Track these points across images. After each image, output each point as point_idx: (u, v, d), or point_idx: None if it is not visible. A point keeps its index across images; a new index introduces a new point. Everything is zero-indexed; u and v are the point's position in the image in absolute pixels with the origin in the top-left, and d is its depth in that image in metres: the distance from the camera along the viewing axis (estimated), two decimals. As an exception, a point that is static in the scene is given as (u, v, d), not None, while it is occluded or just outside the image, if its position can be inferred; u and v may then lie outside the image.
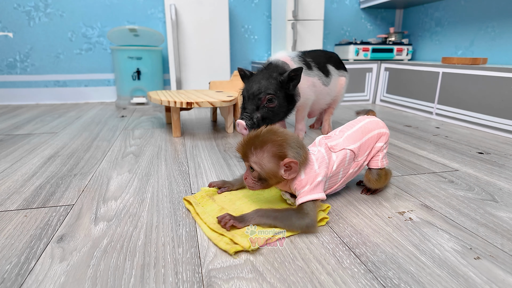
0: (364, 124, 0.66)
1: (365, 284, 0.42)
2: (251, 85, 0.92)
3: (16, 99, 1.93)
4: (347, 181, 0.65)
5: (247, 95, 0.92)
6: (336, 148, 0.61)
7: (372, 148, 0.65)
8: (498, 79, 1.23)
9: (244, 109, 0.92)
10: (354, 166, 0.63)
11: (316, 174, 0.56)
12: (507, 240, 0.52)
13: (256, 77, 0.93)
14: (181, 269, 0.45)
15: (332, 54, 1.20)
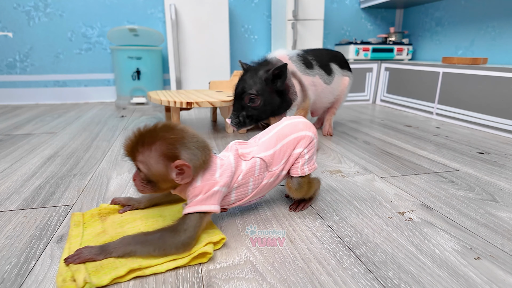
0: (280, 129, 0.59)
1: (365, 284, 0.42)
2: (237, 85, 0.95)
3: (15, 99, 1.93)
4: (262, 193, 0.57)
5: (234, 94, 0.96)
6: (248, 156, 0.54)
7: (290, 155, 0.57)
8: (499, 79, 1.23)
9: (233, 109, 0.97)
10: (269, 177, 0.56)
11: (214, 183, 0.49)
12: (507, 240, 0.52)
13: (244, 76, 0.96)
14: (181, 269, 0.45)
15: (337, 53, 1.19)
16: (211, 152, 0.51)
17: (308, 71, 1.05)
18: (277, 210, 0.62)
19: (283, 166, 0.57)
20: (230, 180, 0.51)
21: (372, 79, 1.93)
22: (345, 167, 0.86)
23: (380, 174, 0.80)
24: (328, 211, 0.61)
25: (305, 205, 0.63)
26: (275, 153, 0.56)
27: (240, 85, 0.94)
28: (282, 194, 0.69)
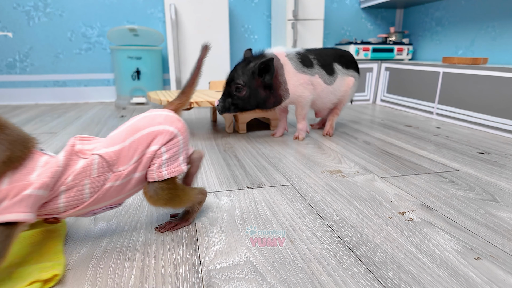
0: (134, 122, 0.49)
1: (366, 284, 0.42)
2: (229, 72, 1.01)
3: (15, 99, 1.93)
4: (110, 199, 0.47)
5: (225, 80, 1.01)
6: (87, 153, 0.45)
7: (143, 154, 0.47)
8: (499, 79, 1.23)
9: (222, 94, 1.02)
10: (114, 179, 0.45)
11: (26, 185, 0.39)
12: (507, 240, 0.52)
13: (238, 65, 1.00)
14: (181, 269, 0.45)
15: (345, 53, 1.17)
16: (31, 148, 0.41)
17: (306, 70, 1.04)
18: (277, 210, 0.62)
19: (134, 166, 0.46)
20: (53, 182, 0.41)
21: (372, 79, 1.93)
22: (345, 167, 0.86)
23: (380, 174, 0.80)
24: (328, 211, 0.61)
25: (177, 225, 0.53)
26: (122, 150, 0.46)
27: (231, 73, 0.99)
28: (282, 194, 0.69)
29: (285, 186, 0.73)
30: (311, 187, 0.72)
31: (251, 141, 1.10)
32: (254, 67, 0.96)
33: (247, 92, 0.98)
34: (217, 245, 0.50)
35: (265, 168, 0.84)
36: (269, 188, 0.72)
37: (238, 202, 0.65)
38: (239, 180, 0.76)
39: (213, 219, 0.58)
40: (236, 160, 0.91)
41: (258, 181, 0.76)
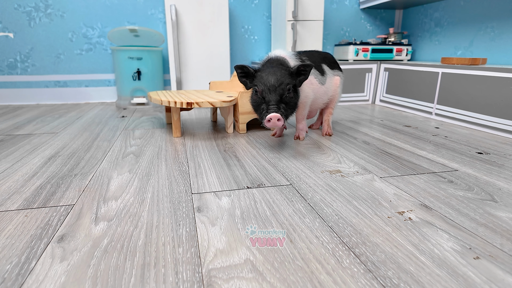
0: None
1: (365, 283, 0.42)
2: (267, 78, 0.89)
3: (16, 100, 1.94)
4: None
5: (266, 88, 0.88)
6: None
7: None
8: (498, 79, 1.23)
9: (267, 102, 0.87)
10: None
11: None
12: (506, 240, 0.52)
13: (268, 70, 0.91)
14: (181, 268, 0.45)
15: (327, 54, 1.21)
16: None
17: None
18: (277, 210, 0.62)
19: None
20: None
21: (372, 79, 1.94)
22: (344, 167, 0.86)
23: (379, 174, 0.81)
24: (327, 211, 0.62)
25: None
26: None
27: (271, 77, 0.88)
28: (282, 193, 0.69)
29: (285, 186, 0.73)
30: (311, 187, 0.72)
31: (251, 141, 1.10)
32: (293, 69, 0.92)
33: (293, 94, 0.92)
34: (217, 245, 0.51)
35: (265, 168, 0.84)
36: (269, 188, 0.72)
37: (238, 202, 0.65)
38: (239, 180, 0.77)
39: (213, 219, 0.58)
40: (236, 160, 0.91)
41: (258, 181, 0.76)
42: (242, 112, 1.21)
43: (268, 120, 0.84)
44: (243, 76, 0.96)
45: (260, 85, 0.89)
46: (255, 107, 0.93)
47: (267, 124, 0.85)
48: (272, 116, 0.83)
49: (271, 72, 0.90)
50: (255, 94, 0.92)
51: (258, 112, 0.92)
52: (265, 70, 0.92)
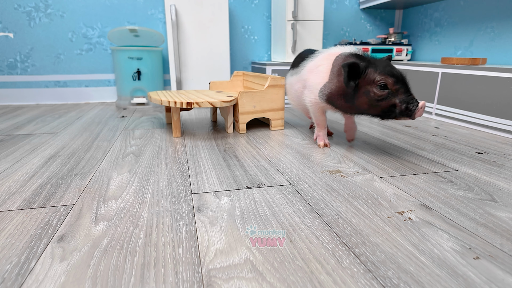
0: None
1: (365, 283, 0.42)
2: (392, 70, 0.84)
3: (16, 100, 1.94)
4: None
5: (395, 80, 0.83)
6: None
7: None
8: (498, 79, 1.23)
9: (405, 93, 0.83)
10: None
11: None
12: (506, 240, 0.52)
13: (380, 63, 0.86)
14: (181, 268, 0.45)
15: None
16: None
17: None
18: (277, 210, 0.62)
19: None
20: None
21: (372, 79, 1.93)
22: (344, 167, 0.86)
23: (379, 174, 0.81)
24: (327, 211, 0.62)
25: None
26: None
27: (394, 69, 0.85)
28: (282, 193, 0.69)
29: (284, 186, 0.73)
30: (311, 187, 0.72)
31: (251, 141, 1.10)
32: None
33: None
34: (217, 245, 0.51)
35: (265, 168, 0.84)
36: (269, 188, 0.72)
37: (238, 202, 0.65)
38: (239, 180, 0.77)
39: (213, 219, 0.58)
40: (236, 160, 0.91)
41: (258, 181, 0.76)
42: (242, 112, 1.21)
43: (419, 110, 0.80)
44: (350, 76, 0.86)
45: (388, 78, 0.83)
46: (378, 104, 0.85)
47: (418, 114, 0.81)
48: (422, 104, 0.80)
49: (387, 64, 0.85)
50: (379, 89, 0.84)
51: (385, 110, 0.85)
52: (377, 64, 0.85)
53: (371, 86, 0.84)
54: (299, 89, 1.07)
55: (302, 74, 1.04)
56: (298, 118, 1.53)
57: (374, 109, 0.86)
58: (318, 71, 0.96)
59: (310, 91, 0.99)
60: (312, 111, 1.03)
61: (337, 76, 0.90)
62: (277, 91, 1.24)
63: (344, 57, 0.91)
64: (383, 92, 0.83)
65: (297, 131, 1.26)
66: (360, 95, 0.87)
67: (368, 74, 0.85)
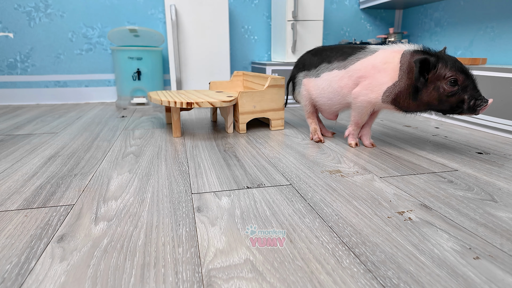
0: None
1: (365, 283, 0.42)
2: (462, 66, 0.84)
3: (16, 100, 1.94)
4: None
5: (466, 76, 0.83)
6: None
7: None
8: (498, 79, 1.23)
9: (474, 89, 0.83)
10: None
11: None
12: (506, 240, 0.52)
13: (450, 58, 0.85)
14: (181, 268, 0.45)
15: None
16: None
17: None
18: (277, 210, 0.62)
19: None
20: None
21: (372, 79, 1.93)
22: (344, 167, 0.86)
23: (379, 174, 0.81)
24: (327, 210, 0.62)
25: None
26: None
27: (463, 65, 0.85)
28: (282, 194, 0.69)
29: (284, 186, 0.73)
30: (311, 187, 0.72)
31: (251, 141, 1.10)
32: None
33: None
34: (217, 245, 0.51)
35: (265, 168, 0.84)
36: (269, 188, 0.72)
37: (238, 202, 0.65)
38: (239, 180, 0.77)
39: (213, 219, 0.59)
40: (236, 160, 0.91)
41: (258, 181, 0.76)
42: (242, 112, 1.21)
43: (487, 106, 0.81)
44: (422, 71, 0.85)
45: (458, 74, 0.83)
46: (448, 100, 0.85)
47: (483, 111, 0.82)
48: (491, 101, 0.82)
49: (455, 59, 0.85)
50: (449, 85, 0.83)
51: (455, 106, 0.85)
52: (446, 59, 0.85)
53: (442, 82, 0.84)
54: (346, 86, 0.99)
55: (354, 70, 0.97)
56: (298, 118, 1.53)
57: (443, 104, 0.86)
58: (385, 69, 0.90)
59: (370, 90, 0.93)
60: (361, 111, 0.98)
61: (407, 73, 0.88)
62: (277, 91, 1.24)
63: (411, 53, 0.88)
64: (453, 88, 0.83)
65: (297, 131, 1.26)
66: (429, 90, 0.86)
67: (439, 69, 0.84)
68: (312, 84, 1.11)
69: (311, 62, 1.12)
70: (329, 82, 1.04)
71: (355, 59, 0.98)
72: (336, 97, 1.03)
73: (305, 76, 1.14)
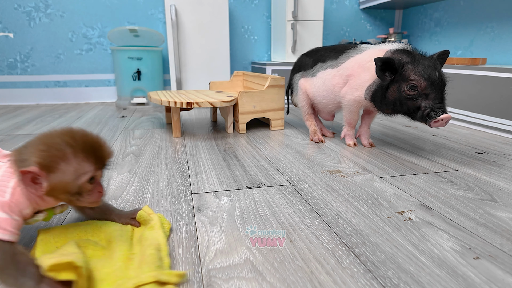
0: None
1: (365, 283, 0.42)
2: (430, 72, 0.80)
3: (16, 100, 1.94)
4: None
5: (430, 83, 0.80)
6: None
7: None
8: (498, 79, 1.23)
9: (433, 99, 0.80)
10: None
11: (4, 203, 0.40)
12: (506, 240, 0.52)
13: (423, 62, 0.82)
14: (181, 268, 0.45)
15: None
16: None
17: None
18: (277, 210, 0.62)
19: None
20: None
21: (372, 79, 1.94)
22: (344, 167, 0.86)
23: (379, 174, 0.81)
24: (327, 211, 0.62)
25: None
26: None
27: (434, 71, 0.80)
28: (282, 193, 0.69)
29: (284, 186, 0.73)
30: (311, 187, 0.73)
31: (251, 141, 1.11)
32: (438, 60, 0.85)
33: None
34: (217, 245, 0.51)
35: (265, 168, 0.84)
36: (269, 188, 0.72)
37: (238, 202, 0.65)
38: (239, 180, 0.77)
39: (213, 219, 0.59)
40: (236, 160, 0.91)
41: (258, 181, 0.76)
42: (242, 112, 1.21)
43: (438, 121, 0.79)
44: (384, 69, 0.85)
45: (421, 80, 0.80)
46: (406, 103, 0.84)
47: (434, 125, 0.80)
48: (445, 118, 0.78)
49: (430, 65, 0.81)
50: (409, 88, 0.82)
51: (411, 110, 0.84)
52: (420, 63, 0.82)
53: (404, 84, 0.83)
54: (338, 84, 1.00)
55: (344, 69, 0.97)
56: (298, 118, 1.53)
57: (402, 106, 0.86)
58: (368, 68, 0.91)
59: (355, 89, 0.94)
60: (350, 110, 0.99)
61: None
62: (277, 91, 1.24)
63: (392, 53, 0.87)
64: (412, 92, 0.82)
65: (297, 131, 1.26)
66: (392, 89, 0.86)
67: (405, 70, 0.83)
68: (308, 83, 1.13)
69: (306, 62, 1.15)
70: (324, 80, 1.06)
71: (346, 58, 0.99)
72: (330, 95, 1.05)
73: (302, 77, 1.16)
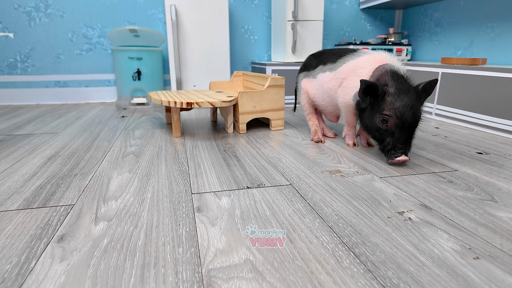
0: None
1: (365, 283, 0.42)
2: (404, 111, 0.80)
3: (16, 100, 1.94)
4: None
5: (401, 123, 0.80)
6: None
7: None
8: (498, 79, 1.23)
9: (397, 139, 0.82)
10: None
11: None
12: (506, 240, 0.52)
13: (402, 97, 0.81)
14: (181, 268, 0.45)
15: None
16: None
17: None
18: (277, 210, 0.62)
19: None
20: None
21: (372, 79, 1.93)
22: (344, 167, 0.86)
23: (379, 174, 0.81)
24: (327, 210, 0.62)
25: None
26: None
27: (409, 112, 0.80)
28: (282, 193, 0.69)
29: (284, 186, 0.73)
30: (311, 187, 0.73)
31: (251, 141, 1.11)
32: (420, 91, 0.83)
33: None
34: (217, 245, 0.51)
35: (265, 168, 0.84)
36: (269, 188, 0.72)
37: (238, 202, 0.65)
38: (239, 180, 0.77)
39: (213, 219, 0.59)
40: (236, 160, 0.91)
41: (258, 181, 0.76)
42: (242, 112, 1.21)
43: (394, 161, 0.82)
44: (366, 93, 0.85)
45: (393, 118, 0.81)
46: (374, 132, 0.87)
47: (391, 162, 0.84)
48: (402, 160, 0.82)
49: (408, 103, 0.80)
50: (381, 121, 0.83)
51: (378, 139, 0.88)
52: (398, 96, 0.81)
53: (378, 113, 0.85)
54: (334, 87, 1.02)
55: (340, 72, 0.99)
56: (298, 118, 1.53)
57: (370, 131, 0.90)
58: (359, 74, 0.93)
59: (345, 93, 0.96)
60: (345, 111, 1.01)
61: None
62: (277, 91, 1.24)
63: (383, 71, 0.87)
64: (381, 125, 0.84)
65: (297, 131, 1.26)
66: (368, 113, 0.88)
67: (384, 101, 0.83)
68: (309, 84, 1.15)
69: (311, 63, 1.17)
70: (322, 83, 1.07)
71: (343, 62, 1.00)
72: (327, 98, 1.07)
73: (305, 77, 1.18)
